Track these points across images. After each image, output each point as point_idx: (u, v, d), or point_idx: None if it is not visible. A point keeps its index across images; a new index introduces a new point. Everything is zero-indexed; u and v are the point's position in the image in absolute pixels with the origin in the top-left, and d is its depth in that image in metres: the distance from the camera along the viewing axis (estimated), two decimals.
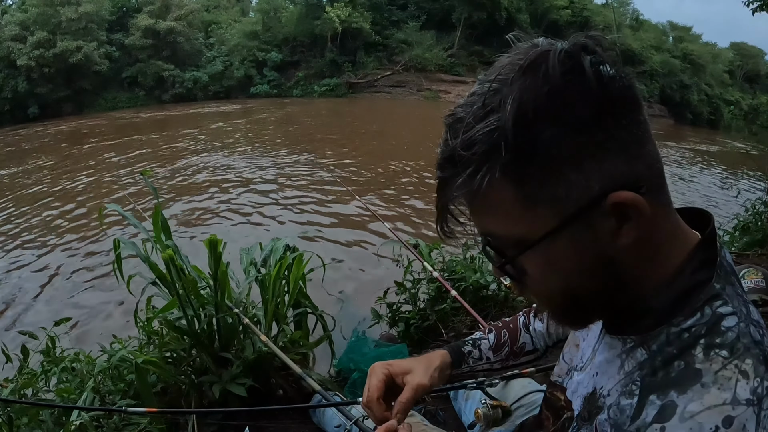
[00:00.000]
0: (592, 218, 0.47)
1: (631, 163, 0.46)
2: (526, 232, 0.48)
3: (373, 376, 0.82)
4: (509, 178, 0.46)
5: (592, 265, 0.49)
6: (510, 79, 0.45)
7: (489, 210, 0.49)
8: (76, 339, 1.94)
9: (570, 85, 0.44)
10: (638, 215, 0.46)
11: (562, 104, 0.44)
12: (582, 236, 0.48)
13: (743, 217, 4.31)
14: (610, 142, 0.45)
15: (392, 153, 11.75)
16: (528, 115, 0.43)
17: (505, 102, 0.44)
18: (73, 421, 1.37)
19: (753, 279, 2.30)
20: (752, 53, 40.38)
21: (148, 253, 1.74)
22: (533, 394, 1.17)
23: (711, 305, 0.50)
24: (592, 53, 0.45)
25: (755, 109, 6.89)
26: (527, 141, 0.44)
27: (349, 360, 1.99)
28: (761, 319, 0.53)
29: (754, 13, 5.51)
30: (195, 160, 11.15)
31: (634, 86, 0.47)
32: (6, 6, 28.94)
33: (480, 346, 1.01)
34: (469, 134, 0.45)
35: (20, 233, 6.70)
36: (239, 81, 30.83)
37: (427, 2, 32.55)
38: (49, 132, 18.73)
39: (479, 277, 2.40)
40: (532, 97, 0.43)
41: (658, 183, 0.49)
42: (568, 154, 0.45)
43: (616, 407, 0.53)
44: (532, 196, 0.46)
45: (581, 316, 0.57)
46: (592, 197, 0.46)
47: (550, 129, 0.44)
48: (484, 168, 0.45)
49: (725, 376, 0.46)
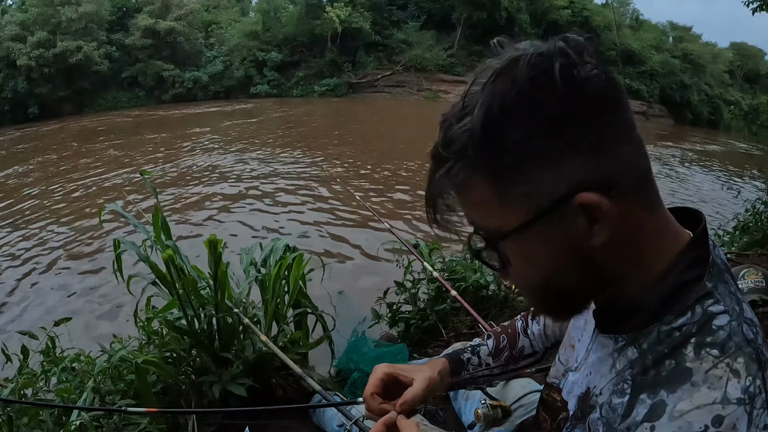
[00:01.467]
0: (562, 216, 0.48)
1: (603, 163, 0.47)
2: (502, 225, 0.50)
3: (373, 375, 0.83)
4: (483, 175, 0.48)
5: (567, 261, 0.51)
6: (484, 83, 0.47)
7: (470, 202, 0.51)
8: (76, 339, 1.93)
9: (537, 88, 0.45)
10: (605, 217, 0.47)
11: (529, 106, 0.45)
12: (554, 233, 0.49)
13: (743, 217, 4.31)
14: (580, 142, 0.46)
15: (392, 153, 11.75)
16: (495, 117, 0.45)
17: (475, 106, 0.46)
18: (73, 421, 1.37)
19: (753, 279, 2.29)
20: (752, 53, 40.37)
21: (148, 253, 1.74)
22: (533, 394, 1.17)
23: (702, 303, 0.50)
24: (565, 56, 0.45)
25: (755, 109, 6.88)
26: (495, 141, 0.46)
27: (349, 360, 1.99)
28: (755, 318, 0.53)
29: (754, 13, 5.51)
30: (194, 160, 11.16)
31: (613, 87, 0.47)
32: (6, 6, 28.95)
33: (479, 353, 1.00)
34: (448, 134, 0.48)
35: (20, 233, 6.70)
36: (239, 81, 30.83)
37: (427, 2, 32.54)
38: (50, 131, 18.73)
39: (479, 277, 2.40)
40: (499, 100, 0.45)
41: (639, 183, 0.50)
42: (535, 153, 0.46)
43: (608, 406, 0.54)
44: (504, 191, 0.48)
45: (561, 310, 0.58)
46: (559, 196, 0.47)
47: (517, 130, 0.45)
48: (458, 165, 0.48)
49: (716, 375, 0.47)
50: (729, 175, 12.22)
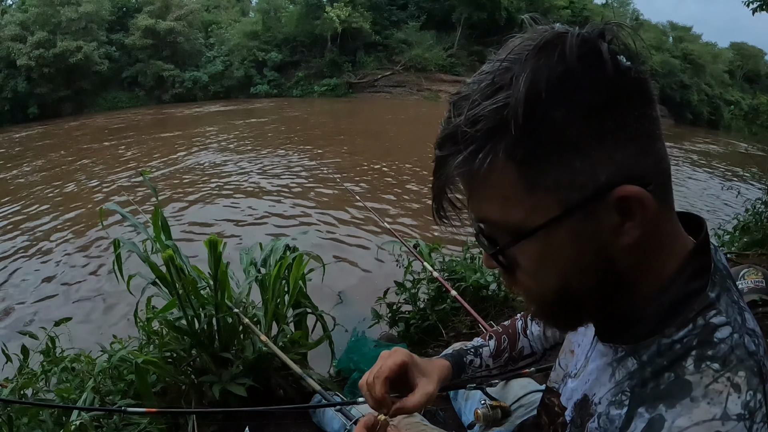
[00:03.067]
0: (595, 211, 0.44)
1: (640, 157, 0.44)
2: (524, 219, 0.45)
3: (391, 357, 0.77)
4: (512, 159, 0.43)
5: (590, 262, 0.47)
6: (523, 57, 0.42)
7: (488, 193, 0.46)
8: (76, 339, 1.93)
9: (586, 69, 0.42)
10: (643, 213, 0.44)
11: (576, 87, 0.42)
12: (582, 229, 0.45)
13: (743, 217, 4.31)
14: (622, 132, 0.43)
15: (392, 153, 11.74)
16: (540, 94, 0.41)
17: (516, 79, 0.41)
18: (73, 421, 1.37)
19: (753, 279, 2.29)
20: (752, 53, 40.35)
21: (148, 253, 1.74)
22: (533, 394, 1.17)
23: (704, 315, 0.48)
24: (610, 41, 0.43)
25: (755, 109, 6.88)
26: (536, 121, 0.41)
27: (349, 360, 1.99)
28: (757, 328, 0.52)
29: (754, 13, 5.51)
30: (194, 159, 11.16)
31: (649, 80, 0.45)
32: (6, 6, 28.94)
33: (481, 354, 0.99)
34: (474, 111, 0.43)
35: (20, 233, 6.70)
36: (239, 81, 30.82)
37: (427, 2, 32.53)
38: (51, 132, 18.73)
39: (479, 277, 2.40)
40: (545, 76, 0.41)
41: (664, 182, 0.47)
42: (576, 139, 0.42)
43: (606, 417, 0.53)
44: (534, 180, 0.44)
45: (570, 317, 0.54)
46: (597, 187, 0.43)
47: (561, 111, 0.42)
48: (487, 146, 0.43)
49: (716, 390, 0.45)
50: (729, 175, 12.22)
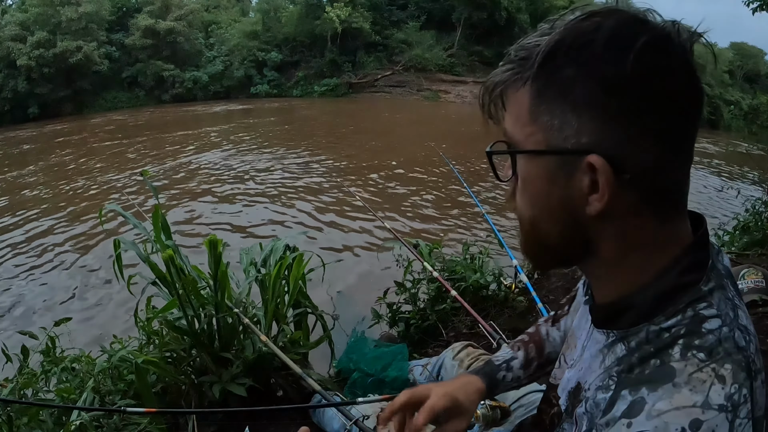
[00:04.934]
0: (570, 165, 0.49)
1: (630, 149, 0.47)
2: (521, 141, 0.52)
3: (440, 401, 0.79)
4: (530, 89, 0.50)
5: (557, 208, 0.52)
6: (576, 16, 0.49)
7: (510, 107, 0.53)
8: (76, 339, 1.93)
9: (611, 47, 0.46)
10: (607, 191, 0.47)
11: (595, 57, 0.46)
12: (556, 175, 0.50)
13: (743, 217, 4.31)
14: (622, 117, 0.46)
15: (392, 153, 11.74)
16: (562, 48, 0.48)
17: (555, 30, 0.49)
18: (73, 421, 1.37)
19: (753, 279, 2.29)
20: (752, 53, 40.32)
21: (148, 253, 1.74)
22: (532, 394, 1.17)
23: (694, 307, 0.49)
24: (655, 40, 0.46)
25: (755, 109, 6.88)
26: (552, 67, 0.48)
27: (349, 360, 1.99)
28: (750, 326, 0.52)
29: (754, 12, 5.51)
30: (195, 159, 11.16)
31: (684, 91, 0.47)
32: (6, 6, 28.94)
33: (513, 368, 0.96)
34: (521, 44, 0.52)
35: (21, 233, 6.70)
36: (239, 81, 30.81)
37: (427, 2, 32.53)
38: (52, 132, 18.73)
39: (479, 277, 2.40)
40: (573, 37, 0.47)
41: (661, 192, 0.49)
42: (577, 98, 0.47)
43: (593, 401, 0.54)
44: (537, 112, 0.50)
45: (538, 254, 0.59)
46: (576, 145, 0.48)
47: (573, 69, 0.47)
48: (518, 70, 0.51)
49: (700, 379, 0.46)
50: (729, 175, 12.22)
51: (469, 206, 7.16)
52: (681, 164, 0.50)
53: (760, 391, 0.49)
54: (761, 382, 0.49)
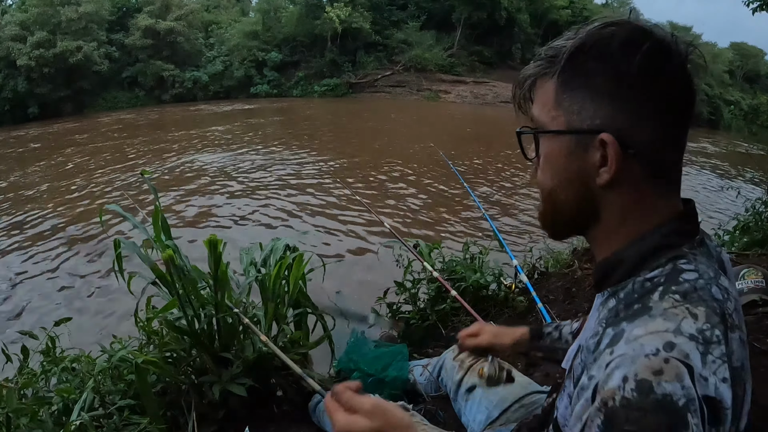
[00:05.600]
0: (586, 143, 0.59)
1: (636, 130, 0.57)
2: (547, 123, 0.62)
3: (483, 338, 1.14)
4: (556, 80, 0.61)
5: (573, 179, 0.61)
6: (596, 25, 0.59)
7: (538, 96, 0.64)
8: (76, 339, 1.92)
9: (622, 52, 0.56)
10: (615, 164, 0.57)
11: (610, 57, 0.57)
12: (574, 151, 0.60)
13: (743, 217, 4.30)
14: (629, 102, 0.57)
15: (393, 153, 11.75)
16: (585, 48, 0.58)
17: (579, 34, 0.60)
18: (73, 421, 1.37)
19: (753, 279, 2.29)
20: (752, 53, 40.34)
21: (148, 253, 1.73)
22: (534, 394, 1.17)
23: (674, 262, 0.57)
24: (658, 48, 0.56)
25: (755, 109, 6.87)
26: (576, 62, 0.59)
27: (349, 360, 1.99)
28: (732, 289, 0.57)
29: (754, 13, 5.51)
30: (195, 159, 11.16)
31: (684, 92, 0.58)
32: (6, 6, 28.93)
33: (561, 329, 1.07)
34: (550, 45, 0.62)
35: (21, 232, 6.70)
36: (239, 81, 30.82)
37: (427, 2, 32.53)
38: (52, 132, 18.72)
39: (479, 277, 2.40)
40: (593, 41, 0.58)
41: (659, 168, 0.59)
42: (596, 87, 0.58)
43: (585, 349, 0.61)
44: (561, 99, 0.60)
45: (554, 224, 0.68)
46: (591, 126, 0.58)
47: (594, 63, 0.58)
48: (546, 66, 0.62)
49: (673, 312, 0.51)
50: (729, 175, 12.22)
51: (469, 206, 7.16)
52: (675, 146, 0.59)
53: (737, 343, 0.53)
54: (739, 338, 0.54)
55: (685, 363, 0.48)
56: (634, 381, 0.47)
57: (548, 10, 33.34)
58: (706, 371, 0.48)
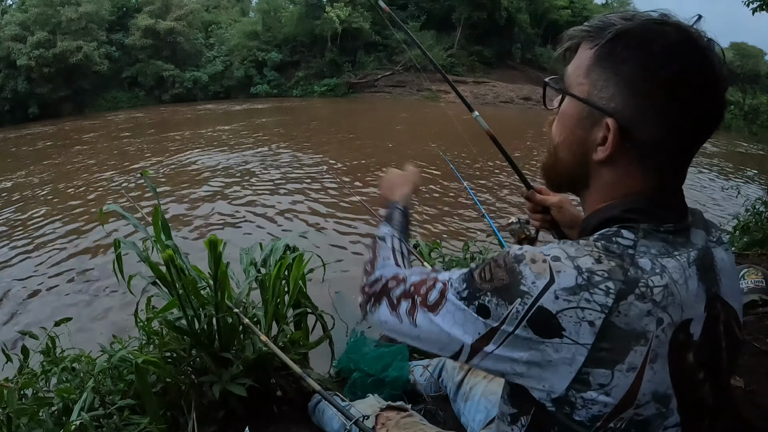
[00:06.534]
0: (595, 118, 0.63)
1: (645, 127, 0.60)
2: (571, 86, 0.67)
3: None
4: (593, 52, 0.64)
5: (576, 143, 0.67)
6: (645, 18, 0.62)
7: (578, 57, 0.67)
8: (77, 339, 1.92)
9: (663, 53, 0.58)
10: (611, 146, 0.61)
11: (650, 53, 0.59)
12: (584, 120, 0.65)
13: (743, 217, 4.30)
14: (644, 100, 0.59)
15: (392, 153, 11.74)
16: (625, 36, 0.61)
17: (626, 20, 0.62)
18: (74, 421, 1.37)
19: (753, 279, 2.29)
20: (752, 53, 40.29)
21: (149, 253, 1.73)
22: None
23: (619, 229, 0.60)
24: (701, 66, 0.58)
25: (755, 109, 6.89)
26: (613, 46, 0.61)
27: (349, 360, 1.99)
28: (676, 274, 0.58)
29: (754, 13, 5.52)
30: (195, 159, 11.16)
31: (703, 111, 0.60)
32: (6, 6, 28.93)
33: None
34: (604, 19, 0.64)
35: (21, 232, 6.70)
36: (239, 81, 30.82)
37: (427, 2, 32.52)
38: (52, 132, 18.72)
39: None
40: (642, 32, 0.60)
41: (656, 160, 0.62)
42: (621, 74, 0.61)
43: None
44: (591, 70, 0.64)
45: (551, 176, 0.74)
46: (605, 107, 0.62)
47: (627, 53, 0.60)
48: (594, 35, 0.64)
49: (585, 249, 0.58)
50: (729, 175, 12.21)
51: (469, 206, 7.17)
52: (677, 152, 0.62)
53: (636, 312, 0.54)
54: (649, 313, 0.55)
55: (551, 273, 0.56)
56: (514, 253, 0.60)
57: (548, 10, 33.34)
58: (567, 296, 0.54)
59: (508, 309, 0.57)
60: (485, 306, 0.59)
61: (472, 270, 0.64)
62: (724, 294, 0.63)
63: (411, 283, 0.71)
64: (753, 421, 1.65)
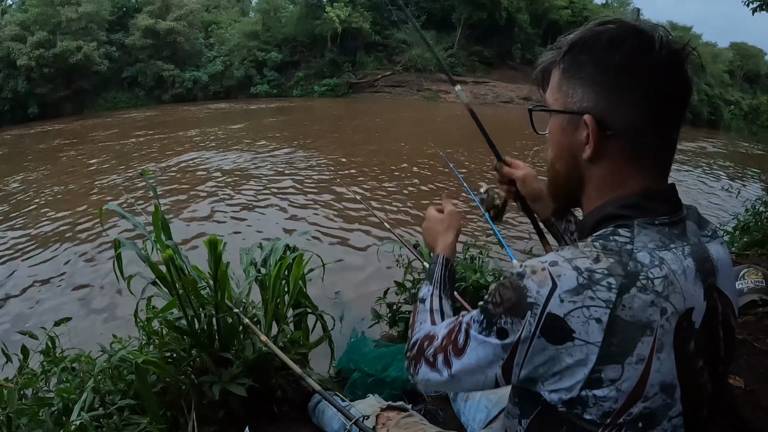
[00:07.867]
0: (575, 122, 0.68)
1: (617, 117, 0.64)
2: (551, 103, 0.72)
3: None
4: (560, 69, 0.70)
5: (565, 152, 0.72)
6: (593, 23, 0.68)
7: (551, 80, 0.73)
8: (76, 339, 1.92)
9: (607, 47, 0.64)
10: (594, 142, 0.66)
11: (599, 49, 0.65)
12: (567, 128, 0.70)
13: (743, 217, 4.30)
14: (610, 90, 0.65)
15: (392, 153, 11.75)
16: (579, 43, 0.67)
17: (579, 31, 0.68)
18: (74, 421, 1.37)
19: (753, 279, 2.29)
20: (752, 53, 40.35)
21: (149, 253, 1.73)
22: None
23: (616, 228, 0.63)
24: (641, 45, 0.63)
25: (755, 109, 6.88)
26: (573, 55, 0.68)
27: (349, 360, 1.99)
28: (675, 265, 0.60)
29: (754, 12, 5.51)
30: (195, 159, 11.15)
31: (663, 85, 0.63)
32: (6, 6, 28.93)
33: (572, 226, 1.12)
34: (561, 38, 0.71)
35: (22, 232, 6.70)
36: (239, 81, 30.82)
37: (427, 2, 32.52)
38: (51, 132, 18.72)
39: (479, 277, 2.40)
40: (588, 36, 0.67)
41: (638, 143, 0.65)
42: (586, 75, 0.66)
43: None
44: (561, 85, 0.70)
45: (555, 192, 0.78)
46: (580, 108, 0.67)
47: (586, 56, 0.66)
48: (556, 56, 0.71)
49: (582, 250, 0.60)
50: (729, 175, 12.21)
51: (468, 206, 7.16)
52: (655, 131, 0.65)
53: (640, 303, 0.56)
54: (653, 303, 0.57)
55: (552, 278, 0.58)
56: (516, 271, 0.62)
57: (548, 11, 33.35)
58: (571, 297, 0.57)
59: (522, 324, 0.60)
60: (503, 328, 0.62)
61: (486, 300, 0.67)
62: (721, 285, 0.66)
63: (442, 336, 0.75)
64: (753, 421, 1.65)
